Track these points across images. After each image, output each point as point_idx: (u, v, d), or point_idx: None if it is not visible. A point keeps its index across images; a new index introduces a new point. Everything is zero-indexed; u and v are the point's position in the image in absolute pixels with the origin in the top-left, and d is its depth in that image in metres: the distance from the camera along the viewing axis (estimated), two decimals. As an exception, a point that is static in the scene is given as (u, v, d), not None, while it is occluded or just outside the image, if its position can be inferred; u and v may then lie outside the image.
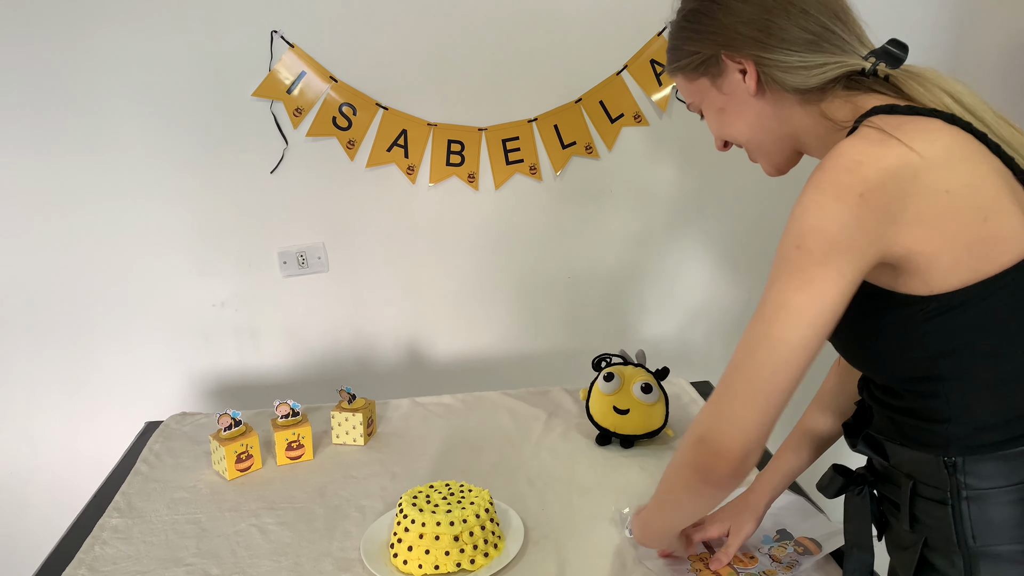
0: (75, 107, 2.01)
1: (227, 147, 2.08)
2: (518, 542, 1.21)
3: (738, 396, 0.83)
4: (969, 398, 0.85)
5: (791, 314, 0.80)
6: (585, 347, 2.29)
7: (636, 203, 2.23)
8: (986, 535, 0.86)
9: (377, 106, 2.07)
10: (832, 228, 0.78)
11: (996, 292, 0.81)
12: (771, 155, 1.00)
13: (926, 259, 0.80)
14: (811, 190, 0.81)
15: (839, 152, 0.81)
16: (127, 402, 2.21)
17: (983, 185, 0.81)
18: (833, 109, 0.91)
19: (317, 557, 1.22)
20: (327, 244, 2.17)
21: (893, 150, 0.79)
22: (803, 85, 0.91)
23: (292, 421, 1.53)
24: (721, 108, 0.99)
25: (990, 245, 0.80)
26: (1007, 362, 0.84)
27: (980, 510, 0.86)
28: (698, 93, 1.01)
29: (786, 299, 0.80)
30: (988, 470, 0.85)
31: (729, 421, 0.84)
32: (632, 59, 2.10)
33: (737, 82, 0.95)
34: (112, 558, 1.24)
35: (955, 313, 0.82)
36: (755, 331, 0.82)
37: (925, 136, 0.81)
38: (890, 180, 0.78)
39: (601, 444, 1.54)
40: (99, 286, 2.14)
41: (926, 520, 0.91)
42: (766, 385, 0.82)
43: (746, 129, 0.98)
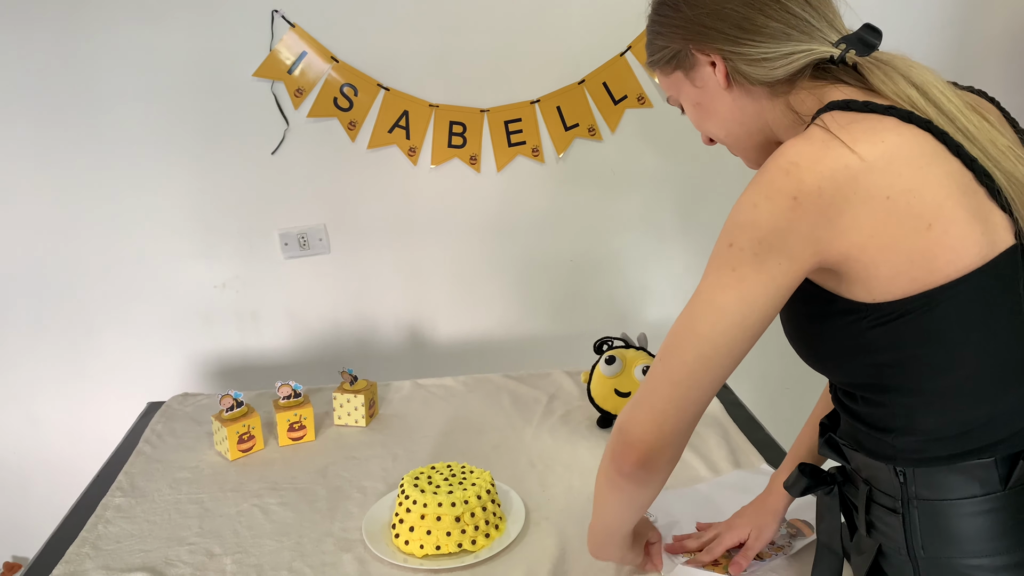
0: (75, 89, 2.00)
1: (228, 128, 2.07)
2: (519, 523, 1.22)
3: (657, 388, 0.83)
4: (915, 410, 0.82)
5: (718, 311, 0.79)
6: (587, 330, 2.29)
7: (639, 186, 2.22)
8: (936, 546, 0.83)
9: (378, 87, 2.06)
10: (763, 227, 0.77)
11: (940, 304, 0.77)
12: (747, 149, 0.98)
13: (864, 267, 0.77)
14: (748, 188, 0.79)
15: (780, 152, 0.78)
16: (129, 383, 2.22)
17: (928, 191, 0.76)
18: (799, 101, 0.88)
19: (319, 537, 1.23)
20: (328, 225, 2.17)
21: (833, 152, 0.76)
22: (768, 78, 0.87)
23: (294, 402, 1.53)
24: (697, 103, 0.96)
25: (934, 255, 0.76)
26: (953, 375, 0.80)
27: (931, 521, 0.83)
28: (675, 87, 0.98)
29: (714, 296, 0.79)
30: (940, 482, 0.82)
31: (645, 411, 0.84)
32: (636, 40, 2.08)
33: (708, 75, 0.92)
34: (115, 536, 1.25)
35: (898, 323, 0.78)
36: (682, 324, 0.82)
37: (872, 137, 0.77)
38: (826, 184, 0.75)
39: (602, 426, 1.54)
40: (100, 268, 2.14)
41: (880, 527, 0.88)
42: (686, 380, 0.81)
43: (721, 123, 0.96)
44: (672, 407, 0.82)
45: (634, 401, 0.86)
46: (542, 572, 1.12)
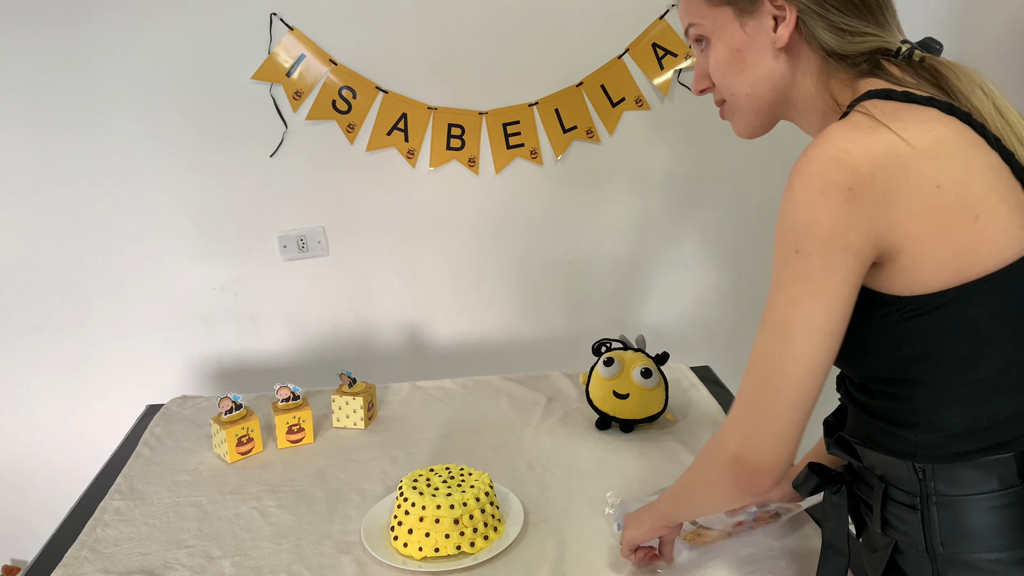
0: (73, 91, 2.00)
1: (226, 131, 2.07)
2: (518, 525, 1.22)
3: (771, 412, 0.81)
4: (941, 405, 0.82)
5: (808, 326, 0.78)
6: (585, 332, 2.29)
7: (637, 188, 2.22)
8: (956, 542, 0.83)
9: (377, 89, 2.06)
10: (825, 227, 0.75)
11: (976, 297, 0.77)
12: (759, 115, 0.93)
13: (911, 259, 0.77)
14: (797, 182, 0.77)
15: (826, 139, 0.77)
16: (128, 386, 2.22)
17: (974, 182, 0.76)
18: (841, 88, 0.87)
19: (318, 540, 1.23)
20: (327, 228, 2.17)
21: (882, 139, 0.75)
22: (840, 49, 0.85)
23: (293, 405, 1.53)
24: (736, 49, 0.89)
25: (976, 247, 0.76)
26: (982, 370, 0.80)
27: (950, 517, 0.83)
28: (712, 20, 0.90)
29: (799, 312, 0.78)
30: (959, 478, 0.82)
31: (767, 438, 0.82)
32: (634, 43, 2.08)
33: (767, 27, 0.87)
34: (114, 540, 1.25)
35: (932, 316, 0.78)
36: (774, 346, 0.80)
37: (918, 126, 0.77)
38: (879, 172, 0.75)
39: (601, 428, 1.54)
40: (99, 271, 2.14)
41: (896, 524, 0.88)
42: (800, 398, 0.80)
43: (752, 81, 0.90)
44: (794, 426, 0.81)
45: (747, 431, 0.83)
46: (541, 574, 1.12)
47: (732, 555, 1.14)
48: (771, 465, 0.82)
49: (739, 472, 0.85)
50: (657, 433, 1.52)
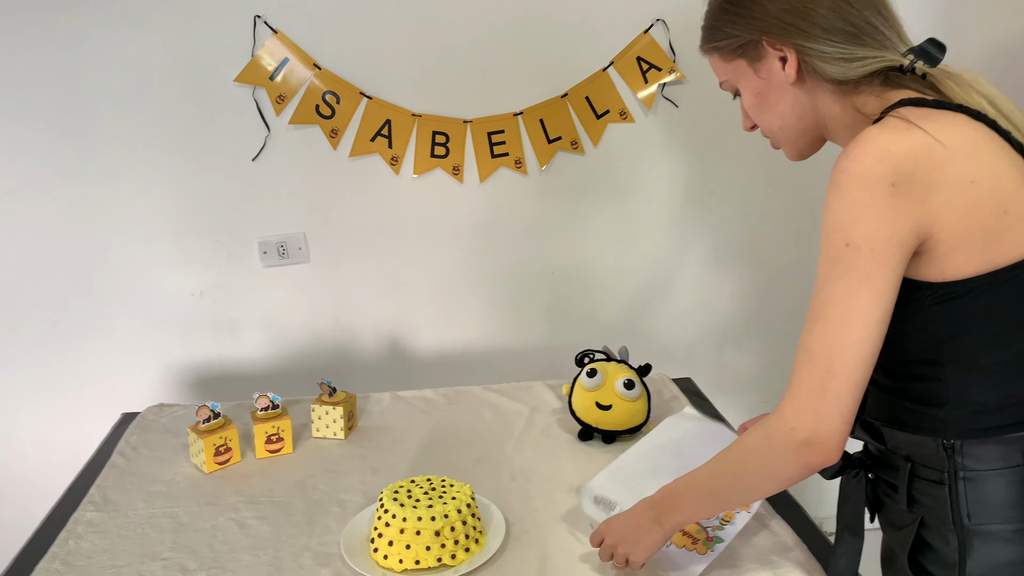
0: (52, 92, 1.97)
1: (208, 133, 2.05)
2: (499, 537, 1.21)
3: (839, 395, 0.85)
4: (969, 383, 0.88)
5: (864, 315, 0.83)
6: (568, 343, 2.28)
7: (621, 200, 2.22)
8: (980, 514, 0.89)
9: (361, 95, 2.05)
10: (872, 222, 0.82)
11: (1005, 282, 0.84)
12: (798, 142, 1.02)
13: (947, 247, 0.83)
14: (843, 181, 0.83)
15: (866, 139, 0.83)
16: (103, 393, 2.18)
17: (1005, 178, 0.84)
18: (865, 102, 0.93)
19: (297, 552, 1.21)
20: (308, 234, 2.15)
21: (919, 138, 0.82)
22: (843, 76, 0.92)
23: (272, 414, 1.51)
24: (758, 92, 1.00)
25: (1005, 237, 0.84)
26: (1008, 349, 0.87)
27: (976, 490, 0.89)
28: (733, 73, 1.02)
29: (854, 302, 0.83)
30: (985, 453, 0.88)
31: (836, 418, 0.86)
32: (619, 55, 2.09)
33: (776, 69, 0.97)
34: (87, 552, 1.22)
35: (963, 300, 0.85)
36: (833, 334, 0.85)
37: (950, 128, 0.83)
38: (918, 168, 0.81)
39: (583, 440, 1.54)
40: (75, 275, 2.10)
41: (923, 500, 0.93)
42: (861, 380, 0.85)
43: (779, 116, 1.00)
44: (856, 404, 0.87)
45: (814, 415, 0.87)
46: (523, 588, 1.11)
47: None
48: (839, 442, 0.88)
49: (811, 453, 0.88)
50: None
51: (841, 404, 0.86)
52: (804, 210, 2.28)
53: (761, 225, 2.29)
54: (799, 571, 1.12)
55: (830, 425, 0.86)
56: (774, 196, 2.27)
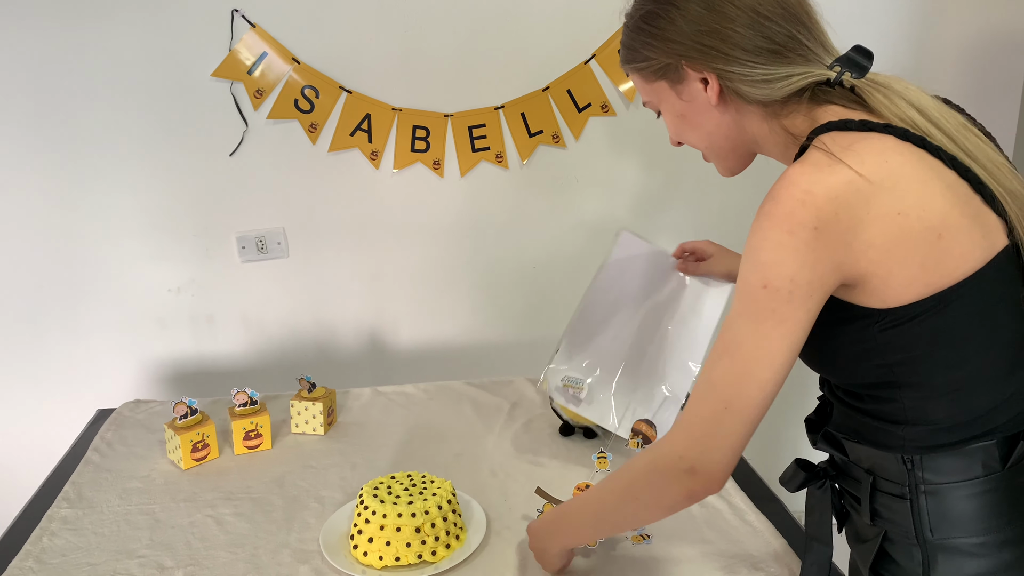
0: (25, 88, 1.94)
1: (185, 128, 2.02)
2: (480, 533, 1.21)
3: (730, 430, 0.84)
4: (925, 403, 0.86)
5: (771, 355, 0.82)
6: (549, 337, 2.28)
7: (602, 193, 2.22)
8: (943, 528, 0.87)
9: (340, 89, 2.04)
10: (792, 265, 0.79)
11: (950, 304, 0.81)
12: (727, 159, 1.00)
13: (880, 279, 0.81)
14: (766, 223, 0.80)
15: (790, 181, 0.80)
16: (78, 389, 2.15)
17: (934, 204, 0.80)
18: (793, 122, 0.90)
19: (275, 549, 1.20)
20: (287, 229, 2.13)
21: (842, 176, 0.79)
22: (768, 98, 0.89)
23: (250, 410, 1.50)
24: (680, 114, 0.97)
25: (944, 261, 0.81)
26: (961, 368, 0.85)
27: (937, 504, 0.87)
28: (655, 94, 0.99)
29: (763, 343, 0.82)
30: (946, 465, 0.87)
31: (725, 451, 0.85)
32: (600, 48, 2.09)
33: (698, 91, 0.93)
34: (61, 550, 1.20)
35: (910, 325, 0.82)
36: (738, 373, 0.83)
37: (875, 157, 0.80)
38: (842, 210, 0.78)
39: (564, 435, 1.53)
40: (51, 270, 2.07)
41: (886, 514, 0.92)
42: (757, 418, 0.84)
43: (705, 136, 0.97)
44: (747, 439, 0.85)
45: (703, 444, 0.86)
46: (503, 583, 1.11)
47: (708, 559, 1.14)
48: (724, 474, 0.86)
49: (694, 482, 0.87)
50: (620, 440, 1.52)
51: (732, 440, 0.84)
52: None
53: (741, 218, 2.30)
54: (778, 565, 1.13)
55: (717, 458, 0.85)
56: (754, 190, 2.27)
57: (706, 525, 1.23)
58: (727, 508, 1.27)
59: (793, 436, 2.35)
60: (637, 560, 1.15)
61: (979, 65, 2.24)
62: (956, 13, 2.19)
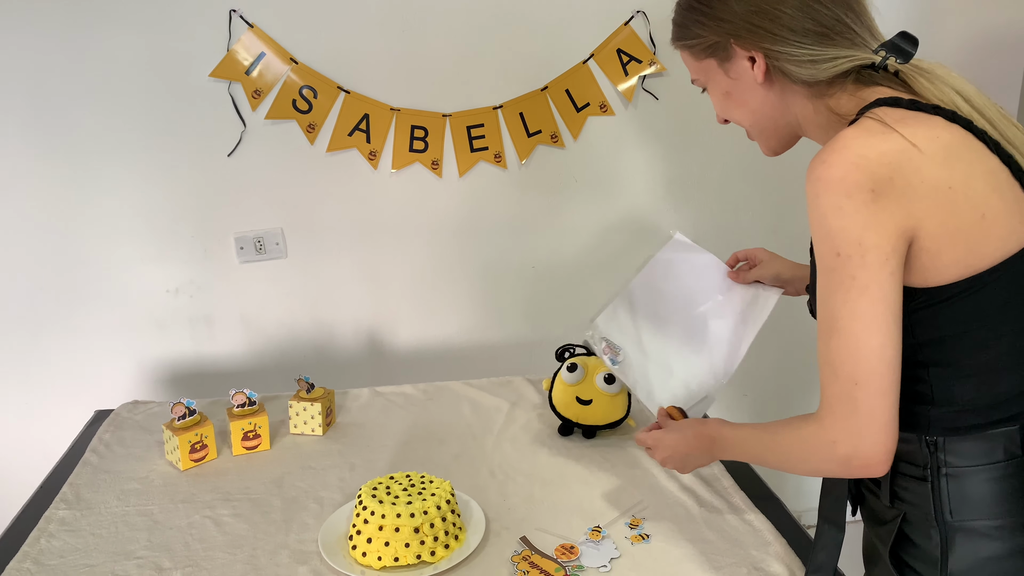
0: (23, 87, 1.93)
1: (183, 129, 2.02)
2: (479, 534, 1.20)
3: (871, 407, 0.83)
4: (953, 383, 0.88)
5: (871, 321, 0.81)
6: (548, 337, 2.28)
7: (601, 193, 2.22)
8: (963, 511, 0.89)
9: (339, 89, 2.03)
10: (856, 229, 0.80)
11: (984, 287, 0.83)
12: (770, 139, 1.02)
13: (931, 254, 0.83)
14: (821, 189, 0.82)
15: (843, 145, 0.82)
16: (76, 390, 2.15)
17: (978, 185, 0.83)
18: (839, 102, 0.92)
19: (274, 549, 1.20)
20: (285, 229, 2.13)
21: (895, 143, 0.81)
22: (813, 79, 0.92)
23: (248, 410, 1.49)
24: (727, 92, 1.00)
25: (984, 242, 0.82)
26: (990, 351, 0.87)
27: (958, 487, 0.89)
28: (703, 72, 1.02)
29: (856, 309, 0.81)
30: (967, 449, 0.89)
31: (875, 432, 0.83)
32: (599, 48, 2.08)
33: (745, 69, 0.96)
34: (59, 551, 1.20)
35: (944, 305, 0.84)
36: (850, 347, 0.82)
37: (926, 132, 0.82)
38: (896, 174, 0.80)
39: (563, 434, 1.53)
40: (49, 272, 2.07)
41: (905, 496, 0.94)
42: (891, 386, 0.83)
43: (749, 114, 1.00)
44: (893, 412, 0.84)
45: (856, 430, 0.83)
46: (503, 583, 1.10)
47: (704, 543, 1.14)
48: (884, 455, 0.84)
49: (855, 467, 0.86)
50: (619, 439, 1.51)
51: (876, 415, 0.83)
52: (783, 203, 2.29)
53: (741, 218, 2.30)
54: (778, 564, 1.12)
55: (870, 440, 0.84)
56: (754, 189, 2.27)
57: (706, 525, 1.23)
58: (727, 508, 1.27)
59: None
60: (637, 560, 1.15)
61: (977, 63, 2.24)
62: (956, 11, 2.19)
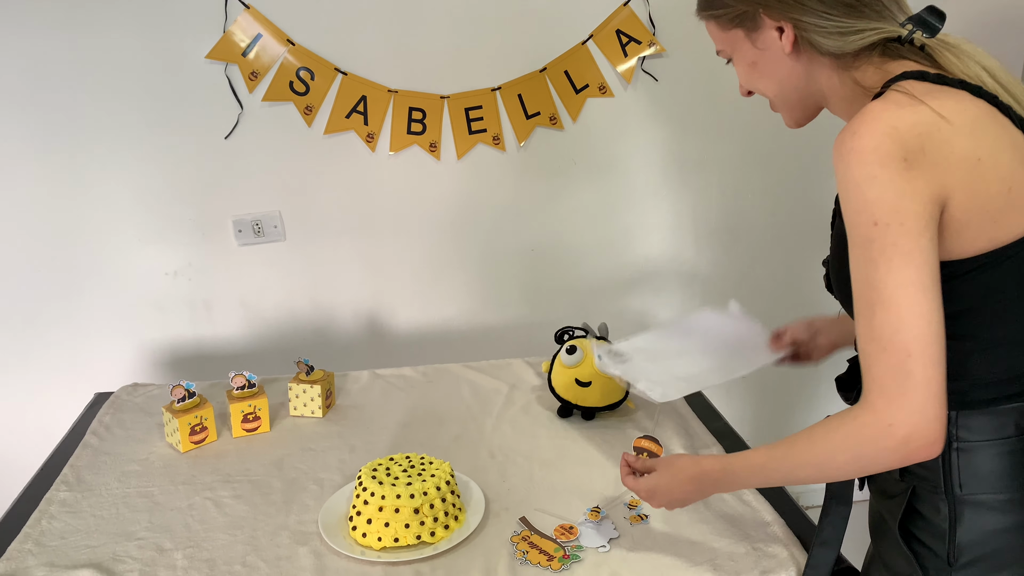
0: (18, 70, 1.92)
1: (179, 111, 2.01)
2: (479, 515, 1.21)
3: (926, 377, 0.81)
4: (968, 358, 0.89)
5: (919, 287, 0.80)
6: (547, 319, 2.28)
7: (600, 175, 2.21)
8: (972, 484, 0.90)
9: (336, 71, 2.02)
10: (893, 197, 0.80)
11: (1004, 261, 0.84)
12: (795, 110, 1.02)
13: (959, 225, 0.83)
14: (854, 160, 0.81)
15: (873, 116, 0.82)
16: (76, 373, 2.15)
17: (1007, 156, 0.83)
18: (864, 75, 0.93)
19: (274, 531, 1.20)
20: (283, 212, 2.12)
21: (924, 114, 0.81)
22: (840, 50, 0.92)
23: (248, 393, 1.50)
24: (753, 62, 1.00)
25: (1008, 216, 0.83)
26: (1007, 325, 0.87)
27: (968, 461, 0.90)
28: (729, 43, 1.01)
29: (901, 277, 0.80)
30: (979, 424, 0.89)
31: (932, 406, 0.81)
32: (598, 29, 2.07)
33: (772, 40, 0.96)
34: (60, 532, 1.20)
35: (964, 279, 0.85)
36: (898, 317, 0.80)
37: (954, 105, 0.83)
38: (927, 143, 0.80)
39: (563, 416, 1.54)
40: (47, 255, 2.06)
41: (915, 470, 0.94)
42: (941, 354, 0.81)
43: (776, 85, 1.00)
44: (943, 384, 0.82)
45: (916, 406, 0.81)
46: (501, 564, 1.11)
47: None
48: (941, 431, 0.82)
49: (911, 450, 0.83)
50: (618, 421, 1.52)
51: (932, 387, 0.81)
52: (783, 184, 2.29)
53: (740, 200, 2.29)
54: (776, 544, 1.13)
55: (930, 414, 0.81)
56: (753, 170, 2.27)
57: (704, 506, 1.23)
58: (725, 488, 1.27)
59: (800, 422, 2.36)
60: (635, 541, 1.15)
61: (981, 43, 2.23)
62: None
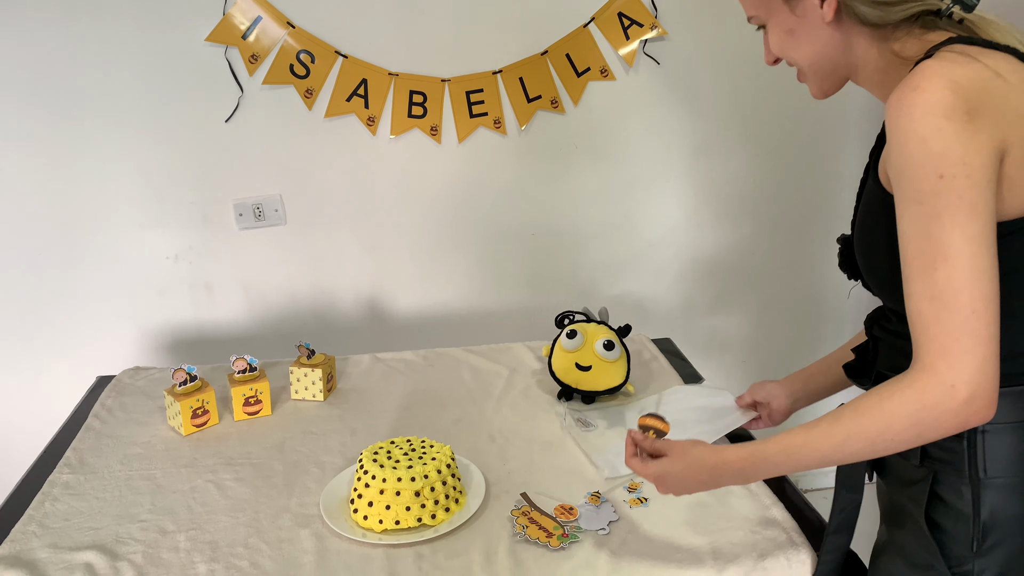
0: (19, 54, 1.91)
1: (179, 94, 2.00)
2: (479, 497, 1.21)
3: (989, 334, 0.80)
4: None
5: (984, 245, 0.79)
6: (548, 304, 2.28)
7: (601, 159, 2.21)
8: (996, 467, 0.90)
9: (336, 54, 2.01)
10: (959, 148, 0.79)
11: None
12: (824, 81, 1.00)
13: (1011, 183, 0.82)
14: (916, 114, 0.80)
15: (933, 71, 0.81)
16: (78, 357, 2.16)
17: None
18: (904, 45, 0.92)
19: (276, 513, 1.21)
20: (284, 196, 2.12)
21: (981, 71, 0.81)
22: (882, 20, 0.91)
23: (249, 376, 1.50)
24: (790, 30, 0.98)
25: None
26: None
27: (993, 444, 0.90)
28: (765, 8, 0.99)
29: (969, 233, 0.79)
30: (1004, 407, 0.86)
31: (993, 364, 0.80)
32: (599, 11, 2.06)
33: (813, 7, 0.94)
34: (63, 514, 1.21)
35: (1004, 241, 0.82)
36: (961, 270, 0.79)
37: (1008, 65, 0.83)
38: (988, 98, 0.80)
39: (562, 400, 1.54)
40: (49, 239, 2.06)
41: (937, 454, 0.93)
42: (997, 312, 0.80)
43: (810, 54, 0.98)
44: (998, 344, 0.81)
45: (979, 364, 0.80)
46: (501, 546, 1.12)
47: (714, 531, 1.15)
48: (996, 393, 0.81)
49: (971, 411, 0.81)
50: (619, 405, 1.52)
51: (993, 345, 0.80)
52: (784, 168, 2.28)
53: (742, 184, 2.29)
54: (776, 528, 1.14)
55: (989, 374, 0.80)
56: (755, 154, 2.26)
57: (703, 489, 1.23)
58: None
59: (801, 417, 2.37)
60: (635, 523, 1.16)
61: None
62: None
